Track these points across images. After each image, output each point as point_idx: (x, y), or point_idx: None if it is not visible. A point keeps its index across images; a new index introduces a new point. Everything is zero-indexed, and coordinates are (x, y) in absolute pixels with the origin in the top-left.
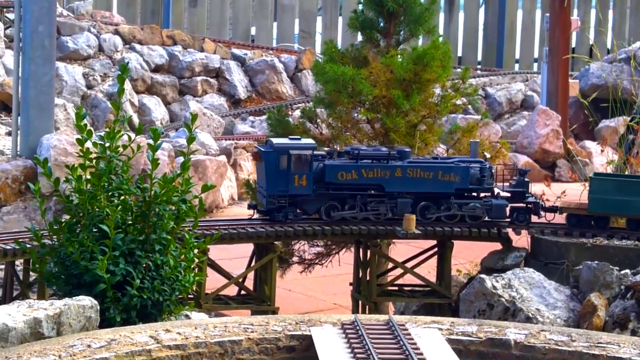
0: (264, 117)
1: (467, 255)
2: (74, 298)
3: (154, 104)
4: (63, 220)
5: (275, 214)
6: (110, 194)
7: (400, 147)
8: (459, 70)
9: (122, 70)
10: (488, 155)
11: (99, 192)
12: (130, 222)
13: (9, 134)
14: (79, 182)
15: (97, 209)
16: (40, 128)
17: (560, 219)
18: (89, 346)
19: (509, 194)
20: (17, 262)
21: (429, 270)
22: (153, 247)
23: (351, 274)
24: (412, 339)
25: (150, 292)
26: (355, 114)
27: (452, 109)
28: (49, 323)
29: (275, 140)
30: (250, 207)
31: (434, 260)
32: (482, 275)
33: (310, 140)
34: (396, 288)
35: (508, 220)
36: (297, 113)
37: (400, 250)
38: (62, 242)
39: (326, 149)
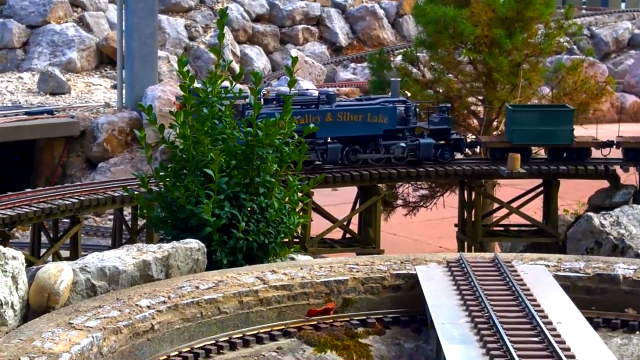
0: (365, 64)
1: (574, 195)
2: (181, 241)
3: (255, 53)
4: (169, 166)
5: None
6: (213, 138)
7: (325, 90)
8: (562, 11)
9: (221, 15)
10: (409, 94)
11: (203, 136)
12: (234, 166)
13: (114, 87)
14: (183, 128)
15: (201, 154)
16: (144, 80)
17: None
18: (197, 287)
19: (433, 132)
20: (125, 212)
21: (534, 211)
22: (257, 190)
23: (456, 217)
24: (518, 275)
25: (255, 234)
26: (457, 55)
27: (557, 48)
28: (158, 266)
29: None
30: None
31: (540, 200)
32: (590, 213)
33: (242, 87)
34: (502, 228)
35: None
36: (399, 59)
37: (504, 191)
38: (168, 187)
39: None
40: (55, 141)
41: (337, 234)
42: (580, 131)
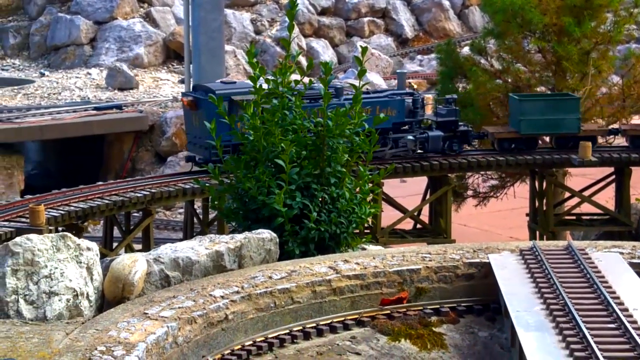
0: (432, 55)
1: None
2: (253, 231)
3: (321, 47)
4: (240, 156)
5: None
6: (284, 129)
7: (333, 84)
8: None
9: (291, 6)
10: (415, 86)
11: (273, 127)
12: (305, 156)
13: (181, 81)
14: (253, 119)
15: (272, 145)
16: (211, 74)
17: None
18: (270, 277)
19: (440, 124)
20: (196, 205)
21: (606, 200)
22: (328, 181)
23: (527, 207)
24: (592, 262)
25: (327, 224)
26: (526, 44)
27: (626, 37)
28: (231, 256)
29: (210, 86)
30: (188, 159)
31: (611, 188)
32: None
33: (247, 82)
34: (574, 217)
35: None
36: (465, 50)
37: (575, 180)
38: (239, 179)
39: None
40: (124, 136)
41: (407, 224)
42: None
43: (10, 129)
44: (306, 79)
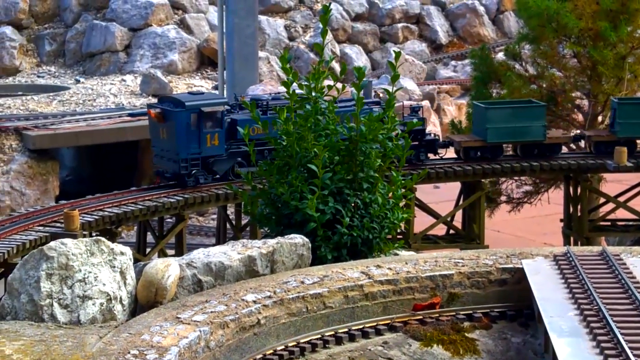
0: (467, 61)
1: None
2: (286, 236)
3: (355, 52)
4: (273, 162)
5: (185, 179)
6: (317, 134)
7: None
8: None
9: (324, 11)
10: (381, 94)
11: (306, 132)
12: (337, 161)
13: (215, 87)
14: (287, 124)
15: (304, 150)
16: (245, 79)
17: None
18: (302, 282)
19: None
20: (229, 210)
21: None
22: (361, 186)
23: (561, 213)
24: (627, 268)
25: (360, 230)
26: (561, 49)
27: None
28: (263, 261)
29: (179, 97)
30: (157, 173)
31: None
32: None
33: (215, 93)
34: (609, 223)
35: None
36: (500, 56)
37: (610, 186)
38: (272, 184)
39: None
40: None
41: (440, 230)
42: None
43: (46, 135)
44: (339, 85)
